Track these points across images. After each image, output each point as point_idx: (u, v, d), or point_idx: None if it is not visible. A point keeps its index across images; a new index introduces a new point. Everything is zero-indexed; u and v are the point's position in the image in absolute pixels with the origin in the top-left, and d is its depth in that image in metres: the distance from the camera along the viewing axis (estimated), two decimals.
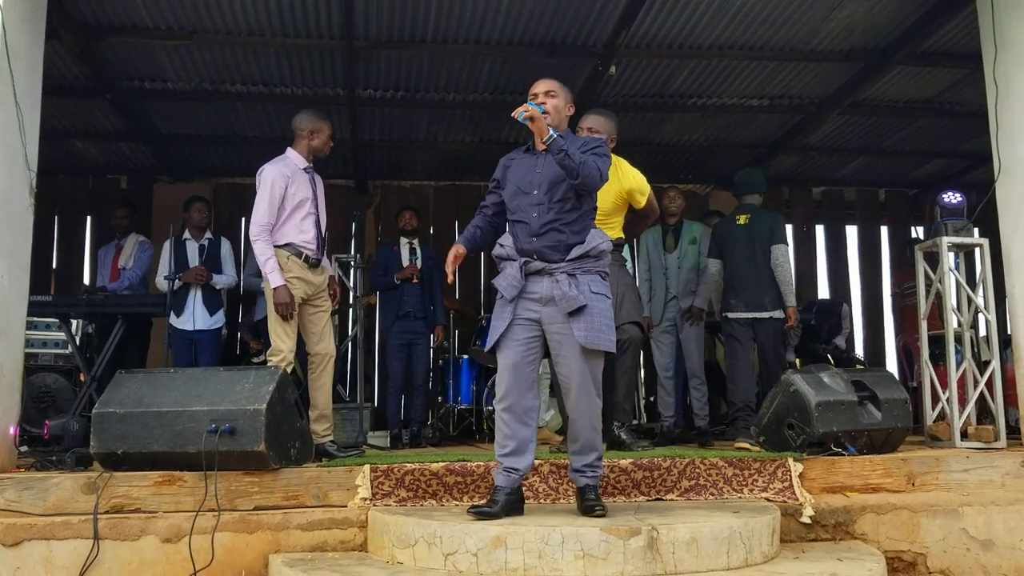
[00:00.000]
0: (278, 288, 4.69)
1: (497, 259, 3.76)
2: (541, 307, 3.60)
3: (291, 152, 4.97)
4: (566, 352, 3.57)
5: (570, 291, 3.54)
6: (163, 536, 3.67)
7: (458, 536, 3.26)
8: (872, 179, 9.79)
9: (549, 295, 3.57)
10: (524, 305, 3.62)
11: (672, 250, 6.26)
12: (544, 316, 3.59)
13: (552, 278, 3.58)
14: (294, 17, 5.88)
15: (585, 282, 3.58)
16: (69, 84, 6.79)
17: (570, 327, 3.53)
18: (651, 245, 6.34)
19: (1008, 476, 4.38)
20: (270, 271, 4.72)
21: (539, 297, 3.60)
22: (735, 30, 6.26)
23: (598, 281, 3.63)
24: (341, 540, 3.78)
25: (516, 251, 3.68)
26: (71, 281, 8.71)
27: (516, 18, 6.03)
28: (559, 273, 3.58)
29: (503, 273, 3.69)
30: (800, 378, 4.53)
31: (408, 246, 6.99)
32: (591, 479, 3.63)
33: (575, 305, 3.52)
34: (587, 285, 3.58)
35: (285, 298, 4.69)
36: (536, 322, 3.62)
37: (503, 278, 3.67)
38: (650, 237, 6.37)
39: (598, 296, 3.59)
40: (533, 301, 3.61)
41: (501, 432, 3.62)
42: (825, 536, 3.99)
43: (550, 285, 3.58)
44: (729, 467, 4.16)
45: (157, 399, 3.96)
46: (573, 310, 3.52)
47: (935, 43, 6.45)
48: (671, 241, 6.28)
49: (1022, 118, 4.85)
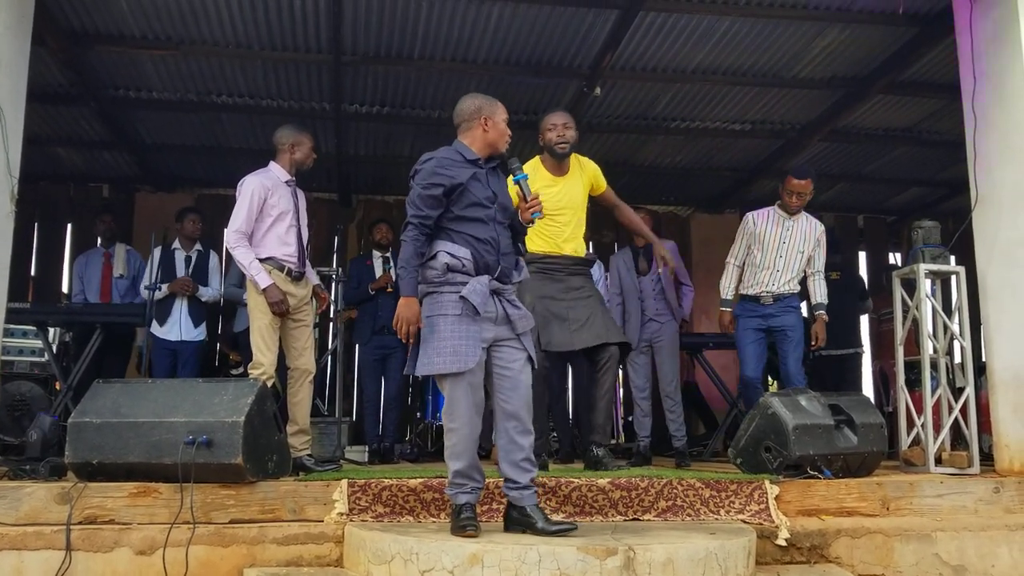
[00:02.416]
0: (268, 288, 4.68)
1: (446, 269, 3.49)
2: (494, 326, 3.53)
3: (274, 165, 4.97)
4: (518, 367, 3.54)
5: (523, 311, 3.61)
6: (137, 548, 3.63)
7: (435, 553, 3.25)
8: (851, 205, 9.92)
9: (503, 314, 3.54)
10: (483, 325, 3.50)
11: (646, 272, 6.29)
12: (497, 334, 3.54)
13: (499, 299, 3.56)
14: (282, 30, 5.91)
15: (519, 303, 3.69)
16: (53, 91, 6.78)
17: (522, 344, 3.56)
18: (623, 269, 6.33)
19: (981, 502, 4.42)
20: (255, 272, 4.71)
21: (493, 316, 3.52)
22: (718, 55, 6.35)
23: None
24: (317, 555, 3.75)
25: (476, 266, 3.51)
26: (50, 288, 8.66)
27: (503, 38, 6.09)
28: (508, 294, 3.59)
29: (470, 288, 3.45)
30: (778, 401, 4.56)
31: (381, 259, 6.95)
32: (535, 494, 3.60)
33: (531, 324, 3.59)
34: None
35: (277, 295, 4.69)
36: (488, 340, 3.54)
37: (475, 293, 3.44)
38: (621, 260, 6.38)
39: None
40: (489, 321, 3.52)
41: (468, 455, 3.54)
42: (800, 559, 4.00)
43: (502, 304, 3.56)
44: (706, 488, 4.17)
45: (134, 409, 3.93)
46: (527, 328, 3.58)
47: (914, 73, 6.57)
48: (643, 264, 6.31)
49: (999, 148, 4.93)
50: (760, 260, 5.60)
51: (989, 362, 4.94)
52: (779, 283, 5.55)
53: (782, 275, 5.55)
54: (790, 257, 5.56)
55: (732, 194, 9.34)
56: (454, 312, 3.46)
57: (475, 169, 3.61)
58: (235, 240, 4.77)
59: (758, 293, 5.58)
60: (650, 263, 6.32)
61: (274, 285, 4.70)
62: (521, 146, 8.04)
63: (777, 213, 5.62)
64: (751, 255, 5.65)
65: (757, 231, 5.61)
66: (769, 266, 5.57)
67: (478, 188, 3.55)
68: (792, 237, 5.57)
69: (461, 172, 3.56)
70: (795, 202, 5.51)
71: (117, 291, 6.86)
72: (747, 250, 5.68)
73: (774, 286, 5.55)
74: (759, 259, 5.60)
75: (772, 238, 5.56)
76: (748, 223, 5.67)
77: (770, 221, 5.62)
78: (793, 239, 5.58)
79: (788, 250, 5.56)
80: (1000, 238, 4.88)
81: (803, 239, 5.57)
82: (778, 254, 5.56)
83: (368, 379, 6.85)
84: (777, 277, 5.56)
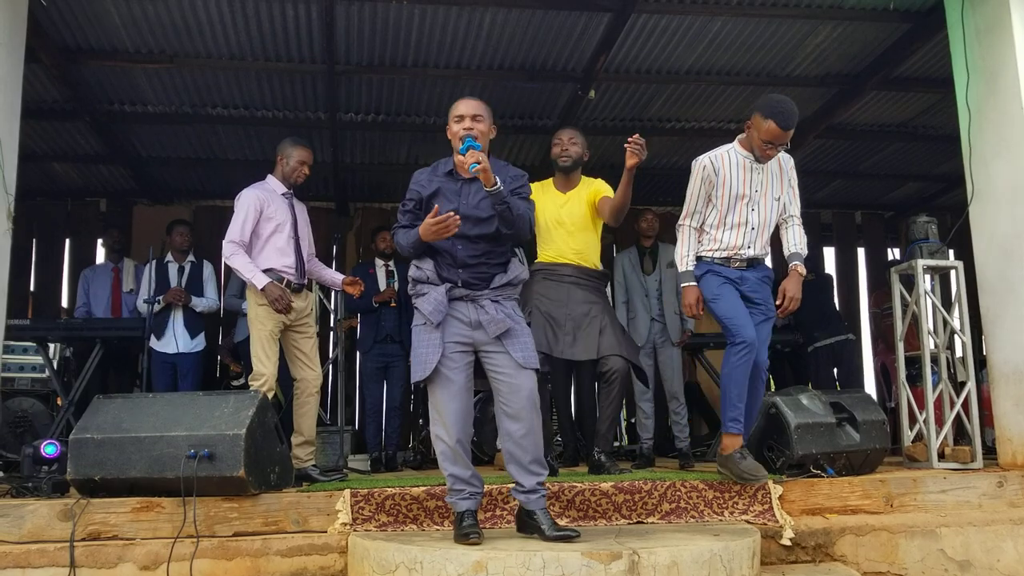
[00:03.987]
0: (266, 286, 4.71)
1: (414, 281, 3.65)
2: (471, 331, 3.55)
3: (270, 178, 5.03)
4: (508, 370, 3.52)
5: (497, 315, 3.54)
6: (141, 563, 3.63)
7: (439, 562, 3.25)
8: (848, 201, 9.91)
9: (476, 319, 3.55)
10: (454, 329, 3.54)
11: (651, 272, 6.30)
12: (476, 339, 3.56)
13: (475, 304, 3.56)
14: (275, 41, 5.91)
15: (510, 307, 3.62)
16: (48, 107, 6.78)
17: (505, 347, 3.53)
18: (628, 269, 6.37)
19: (985, 497, 4.42)
20: (252, 274, 4.74)
21: (468, 321, 3.56)
22: (711, 56, 6.35)
23: (516, 306, 3.67)
24: (321, 566, 3.75)
25: (437, 276, 3.59)
26: (49, 304, 8.65)
27: (496, 43, 6.09)
28: (484, 299, 3.57)
29: (426, 297, 3.57)
30: (780, 400, 4.55)
31: (384, 268, 6.96)
32: (543, 498, 3.58)
33: (503, 328, 3.51)
34: (512, 309, 3.62)
35: (276, 292, 4.72)
36: (469, 346, 3.57)
37: (427, 302, 3.54)
38: (626, 259, 6.41)
39: (521, 319, 3.65)
40: (464, 324, 3.55)
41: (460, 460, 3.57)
42: (805, 558, 4.00)
43: (475, 310, 3.56)
44: (710, 490, 4.17)
45: (135, 424, 3.93)
46: (502, 333, 3.53)
47: (908, 69, 6.57)
48: (648, 263, 6.33)
49: (994, 142, 4.93)
50: (726, 216, 4.32)
51: (989, 356, 4.94)
52: (754, 244, 4.36)
53: (757, 234, 4.35)
54: (764, 208, 4.34)
55: None
56: (420, 322, 3.60)
57: (444, 182, 3.67)
58: (230, 250, 4.80)
59: (727, 256, 4.35)
60: (655, 263, 6.34)
61: (272, 283, 4.73)
62: (516, 151, 8.08)
63: (741, 155, 4.33)
64: (713, 210, 4.34)
65: (720, 179, 4.29)
66: (740, 223, 4.31)
67: (443, 201, 3.57)
68: (765, 182, 4.34)
69: (429, 185, 3.68)
70: (770, 153, 4.23)
71: (126, 306, 6.88)
72: (707, 203, 4.36)
73: (748, 248, 4.34)
74: (725, 214, 4.31)
75: (740, 185, 4.28)
76: (706, 168, 4.33)
77: (735, 165, 4.31)
78: (765, 185, 4.34)
79: (761, 199, 4.33)
80: (998, 232, 4.88)
81: (775, 182, 4.38)
82: (750, 206, 4.31)
83: (370, 387, 6.85)
84: (751, 236, 4.34)
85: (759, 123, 4.17)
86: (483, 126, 3.64)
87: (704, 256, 4.37)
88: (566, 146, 4.97)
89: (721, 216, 4.31)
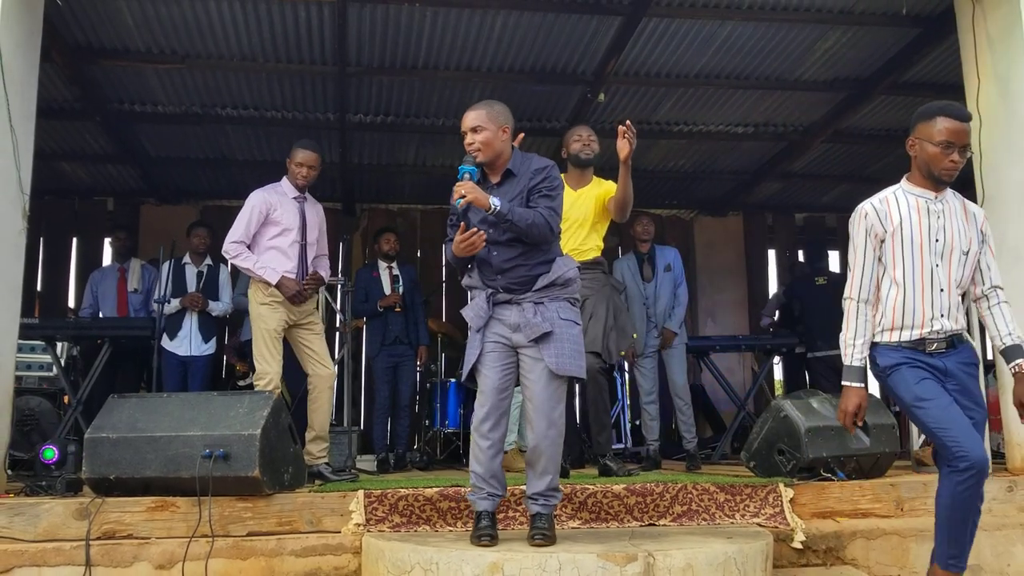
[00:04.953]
0: (279, 282, 4.77)
1: (467, 288, 3.72)
2: (512, 332, 3.55)
3: (284, 180, 5.06)
4: (534, 376, 3.50)
5: (534, 319, 3.49)
6: (156, 562, 3.64)
7: (455, 563, 3.26)
8: (854, 206, 9.78)
9: (517, 322, 3.55)
10: (496, 330, 3.57)
11: (650, 279, 6.33)
12: (515, 340, 3.56)
13: (519, 307, 3.55)
14: (287, 43, 5.93)
15: (553, 308, 3.53)
16: (59, 106, 6.80)
17: (540, 352, 3.49)
18: (628, 277, 6.39)
19: (995, 501, 4.42)
20: (262, 271, 4.79)
21: (510, 323, 3.56)
22: (720, 60, 6.37)
23: (567, 307, 3.56)
24: (335, 566, 3.76)
25: (481, 283, 3.62)
26: (56, 303, 8.67)
27: (507, 46, 6.11)
28: (526, 303, 3.54)
29: (471, 303, 3.64)
30: (790, 404, 4.57)
31: (388, 270, 6.96)
32: (543, 507, 3.53)
33: (538, 333, 3.47)
34: (555, 312, 3.52)
35: (291, 285, 4.79)
36: (511, 347, 3.57)
37: (470, 308, 3.62)
38: (626, 266, 6.43)
39: (566, 322, 3.52)
40: (505, 326, 3.56)
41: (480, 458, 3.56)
42: (816, 561, 4.01)
43: (517, 313, 3.55)
44: (721, 492, 4.18)
45: (151, 424, 3.94)
46: (538, 336, 3.48)
47: (917, 74, 6.59)
48: (648, 270, 6.35)
49: (1005, 147, 4.94)
50: (905, 277, 3.21)
51: (998, 361, 4.95)
52: (947, 312, 3.20)
53: (947, 296, 3.21)
54: (951, 262, 3.22)
55: (735, 197, 9.36)
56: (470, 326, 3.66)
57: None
58: (235, 250, 4.84)
59: (919, 337, 3.21)
60: (654, 269, 6.36)
61: (285, 276, 4.79)
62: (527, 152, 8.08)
63: (913, 194, 3.27)
64: (885, 273, 3.25)
65: (890, 228, 3.21)
66: (924, 284, 3.20)
67: (473, 211, 3.53)
68: (949, 229, 3.22)
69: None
70: (953, 163, 3.17)
71: (132, 306, 6.89)
72: (877, 264, 3.26)
73: (942, 318, 3.20)
74: (903, 275, 3.20)
75: (918, 233, 3.19)
76: (869, 216, 3.27)
77: (908, 208, 3.23)
78: (950, 232, 3.22)
79: (946, 250, 3.21)
80: (1008, 237, 4.88)
81: (962, 229, 3.23)
82: (934, 260, 3.20)
83: (380, 387, 6.87)
84: (941, 302, 3.20)
85: (927, 131, 3.18)
86: (487, 134, 3.53)
87: (885, 341, 3.27)
88: (587, 141, 5.04)
89: (898, 279, 3.20)
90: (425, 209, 9.39)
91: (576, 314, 3.61)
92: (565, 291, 3.58)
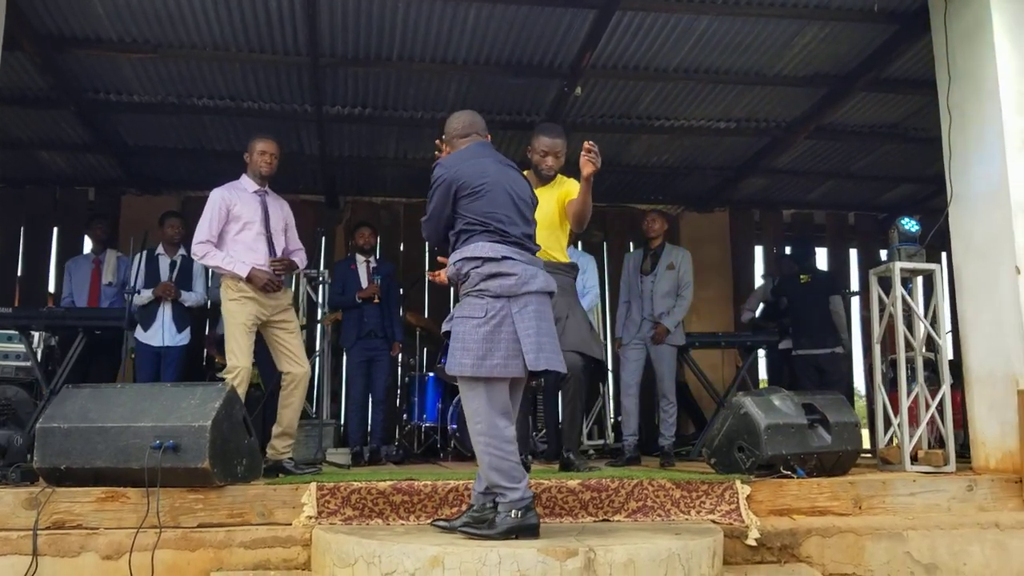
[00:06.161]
0: (250, 274, 4.78)
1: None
2: None
3: (244, 176, 5.10)
4: None
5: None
6: (103, 553, 3.63)
7: (396, 556, 3.25)
8: (842, 202, 9.89)
9: None
10: None
11: (648, 272, 6.30)
12: None
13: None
14: (259, 32, 5.90)
15: (461, 305, 3.56)
16: (33, 95, 6.77)
17: None
18: (631, 268, 6.39)
19: (954, 500, 4.41)
20: (231, 266, 4.80)
21: None
22: (698, 54, 6.33)
23: (468, 303, 3.51)
24: (284, 559, 3.75)
25: None
26: (36, 292, 8.66)
27: (481, 38, 6.07)
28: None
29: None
30: (750, 401, 4.55)
31: (365, 264, 6.95)
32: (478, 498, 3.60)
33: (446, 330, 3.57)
34: (459, 308, 3.55)
35: (262, 276, 4.80)
36: None
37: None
38: (631, 260, 6.45)
39: (460, 320, 3.50)
40: None
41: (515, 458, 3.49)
42: (771, 559, 3.99)
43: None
44: (677, 489, 4.16)
45: (102, 414, 3.93)
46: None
47: (896, 70, 6.55)
48: (648, 264, 6.33)
49: (975, 145, 4.92)
50: None
51: (965, 359, 4.93)
52: None
53: None
54: None
55: (720, 192, 9.31)
56: None
57: None
58: (202, 250, 4.88)
59: None
60: (654, 264, 6.32)
61: (255, 268, 4.81)
62: (505, 147, 8.05)
63: None
64: None
65: None
66: None
67: None
68: None
69: None
70: None
71: (105, 297, 6.87)
72: None
73: None
74: None
75: None
76: None
77: None
78: None
79: None
80: (975, 236, 4.87)
81: None
82: None
83: (354, 381, 6.86)
84: None
85: None
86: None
87: None
88: (550, 160, 4.75)
89: None
90: (409, 202, 9.35)
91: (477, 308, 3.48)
92: (467, 285, 3.55)
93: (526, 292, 3.48)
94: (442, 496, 4.02)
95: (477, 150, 3.71)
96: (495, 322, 3.43)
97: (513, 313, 3.45)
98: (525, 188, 3.72)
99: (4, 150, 7.72)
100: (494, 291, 3.47)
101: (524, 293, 3.48)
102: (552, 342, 3.54)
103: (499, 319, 3.44)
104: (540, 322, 3.48)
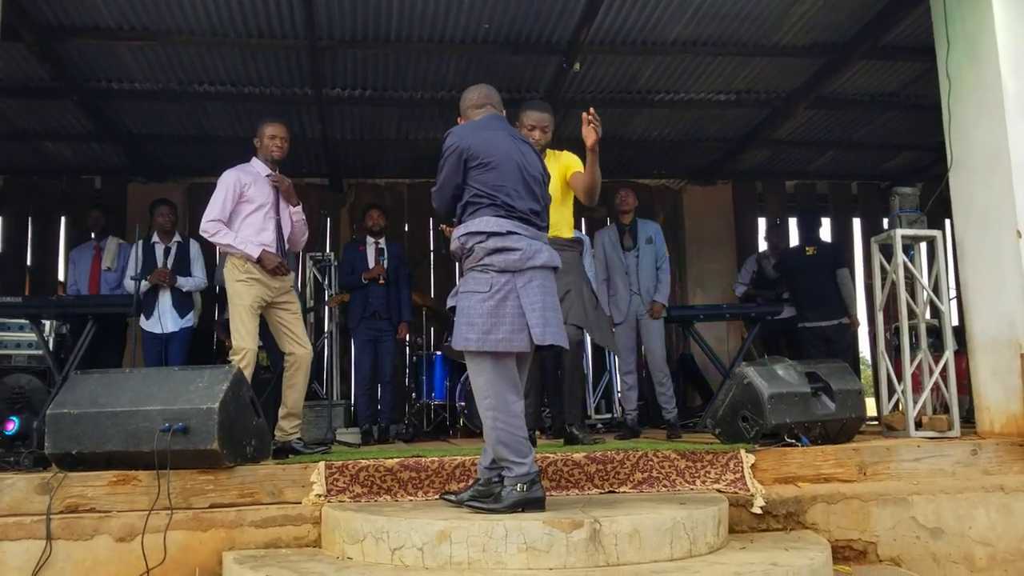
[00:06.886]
0: (260, 256, 4.82)
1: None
2: None
3: (255, 160, 5.11)
4: None
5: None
6: (116, 535, 3.69)
7: (404, 531, 3.30)
8: (844, 172, 9.86)
9: None
10: None
11: (631, 248, 6.32)
12: None
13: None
14: (256, 17, 5.90)
15: (465, 280, 3.59)
16: (35, 85, 6.79)
17: None
18: (608, 245, 6.38)
19: (958, 465, 4.44)
20: (243, 246, 4.84)
21: None
22: (697, 26, 6.31)
23: (472, 278, 3.54)
24: (295, 536, 3.81)
25: None
26: (45, 281, 8.73)
27: (479, 16, 6.06)
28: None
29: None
30: (753, 371, 4.57)
31: (375, 245, 6.99)
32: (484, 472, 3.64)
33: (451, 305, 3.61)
34: (464, 283, 3.58)
35: (272, 258, 4.85)
36: None
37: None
38: (607, 237, 6.43)
39: (464, 295, 3.53)
40: None
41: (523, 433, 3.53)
42: (776, 526, 4.03)
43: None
44: (682, 459, 4.20)
45: (111, 399, 3.98)
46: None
47: (895, 37, 6.51)
48: (628, 240, 6.35)
49: (974, 111, 4.91)
50: None
51: (968, 326, 4.94)
52: None
53: None
54: None
55: (723, 165, 9.29)
56: None
57: None
58: (213, 228, 4.88)
59: None
60: (635, 240, 6.34)
61: (265, 250, 4.85)
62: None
63: None
64: None
65: None
66: None
67: None
68: None
69: None
70: None
71: (106, 283, 6.92)
72: None
73: None
74: None
75: None
76: None
77: None
78: None
79: None
80: (976, 201, 4.87)
81: None
82: None
83: (361, 362, 6.91)
84: None
85: None
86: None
87: None
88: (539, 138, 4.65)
89: None
90: (412, 183, 9.37)
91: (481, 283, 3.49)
92: (471, 260, 3.57)
93: (531, 267, 3.50)
94: (449, 472, 4.07)
95: (491, 122, 3.72)
96: (500, 296, 3.45)
97: (518, 288, 3.47)
98: (536, 164, 3.73)
99: (9, 141, 7.76)
100: (499, 266, 3.48)
101: (529, 268, 3.50)
102: (556, 317, 3.57)
103: (504, 293, 3.46)
104: (545, 297, 3.51)
